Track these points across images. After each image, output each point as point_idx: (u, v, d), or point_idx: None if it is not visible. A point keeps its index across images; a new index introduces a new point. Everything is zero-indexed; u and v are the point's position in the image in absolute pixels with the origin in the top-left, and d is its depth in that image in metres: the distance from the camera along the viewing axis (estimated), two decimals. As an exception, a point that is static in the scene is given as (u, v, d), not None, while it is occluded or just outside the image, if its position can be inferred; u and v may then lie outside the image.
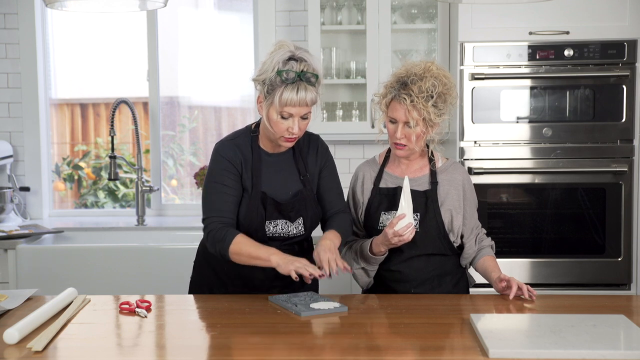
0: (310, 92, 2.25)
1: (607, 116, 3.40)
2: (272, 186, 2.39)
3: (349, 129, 3.75)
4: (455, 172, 2.51)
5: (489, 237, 2.59)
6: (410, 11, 3.80)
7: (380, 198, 2.49)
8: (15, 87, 4.05)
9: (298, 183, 2.43)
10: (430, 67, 2.37)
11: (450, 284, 2.49)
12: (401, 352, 1.86)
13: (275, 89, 2.24)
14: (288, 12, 3.97)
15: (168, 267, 3.34)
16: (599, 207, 3.43)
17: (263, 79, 2.27)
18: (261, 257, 2.26)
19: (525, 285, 2.33)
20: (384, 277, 2.50)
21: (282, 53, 2.26)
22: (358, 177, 2.57)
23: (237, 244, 2.28)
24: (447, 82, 2.38)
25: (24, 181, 4.07)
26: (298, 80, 2.23)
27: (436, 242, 2.44)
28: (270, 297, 2.29)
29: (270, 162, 2.41)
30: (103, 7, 2.66)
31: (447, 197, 2.46)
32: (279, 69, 2.23)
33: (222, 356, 1.85)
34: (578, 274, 3.43)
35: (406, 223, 2.31)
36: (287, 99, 2.23)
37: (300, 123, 2.29)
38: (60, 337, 1.98)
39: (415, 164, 2.51)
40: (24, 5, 4.00)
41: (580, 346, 1.80)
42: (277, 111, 2.26)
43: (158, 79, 4.15)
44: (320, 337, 2.00)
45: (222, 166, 2.36)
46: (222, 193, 2.34)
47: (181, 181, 4.62)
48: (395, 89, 2.37)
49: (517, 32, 3.38)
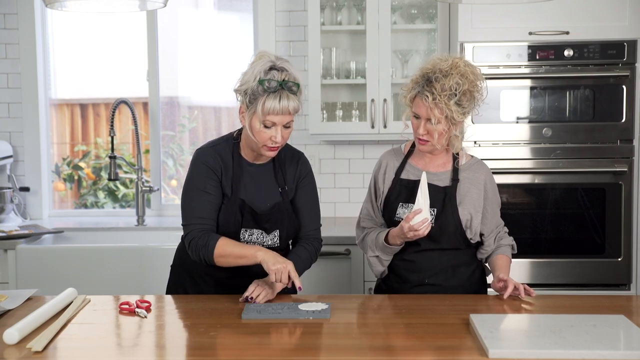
0: (292, 101, 2.26)
1: (607, 116, 3.40)
2: (250, 195, 2.40)
3: (348, 129, 3.75)
4: (478, 171, 2.50)
5: (510, 236, 2.58)
6: (410, 11, 3.80)
7: (400, 189, 2.48)
8: (15, 87, 4.05)
9: (277, 195, 2.44)
10: (457, 63, 2.35)
11: (465, 275, 2.49)
12: (401, 352, 1.86)
13: (257, 98, 2.26)
14: (288, 12, 3.97)
15: (168, 267, 3.33)
16: (598, 207, 3.43)
17: (245, 89, 2.28)
18: (247, 255, 2.28)
19: (523, 285, 2.33)
20: (397, 267, 2.50)
21: (263, 63, 2.28)
22: (381, 165, 2.56)
23: (221, 246, 2.30)
24: (474, 79, 2.36)
25: (24, 181, 4.07)
26: (280, 89, 2.25)
27: (452, 238, 2.44)
28: (244, 315, 2.15)
29: (250, 171, 2.42)
30: (103, 7, 2.66)
31: (466, 195, 2.45)
32: (260, 78, 2.25)
33: (222, 356, 1.85)
34: (578, 274, 3.43)
35: (422, 218, 2.31)
36: (270, 108, 2.25)
37: (283, 132, 2.30)
38: (60, 337, 1.98)
39: (439, 158, 2.50)
40: (24, 5, 4.00)
41: (580, 346, 1.80)
42: (260, 120, 2.27)
43: (158, 79, 4.15)
44: (319, 338, 2.00)
45: (202, 172, 2.37)
46: (202, 200, 2.35)
47: (181, 181, 4.62)
48: (420, 84, 2.36)
49: (517, 32, 3.38)
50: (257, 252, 2.26)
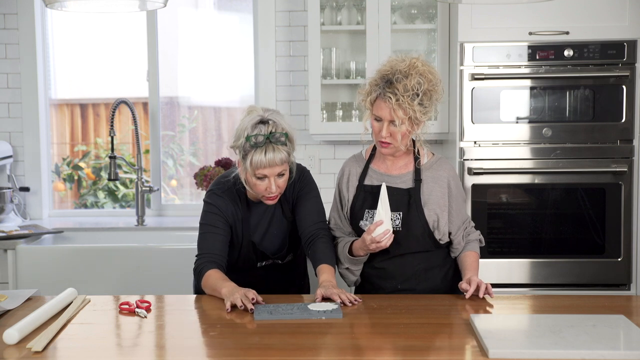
0: (279, 152, 2.33)
1: (607, 116, 3.40)
2: (261, 236, 2.54)
3: (348, 129, 3.75)
4: (440, 169, 2.48)
5: (477, 230, 2.57)
6: (410, 11, 3.80)
7: (365, 195, 2.48)
8: (15, 88, 4.05)
9: (286, 225, 2.56)
10: (415, 63, 2.34)
11: (438, 277, 2.48)
12: (401, 353, 1.86)
13: (247, 153, 2.34)
14: (288, 12, 3.97)
15: (168, 267, 3.34)
16: (598, 207, 3.43)
17: (237, 146, 2.38)
18: (216, 290, 2.34)
19: (485, 284, 2.31)
20: (369, 275, 2.51)
21: (251, 118, 2.35)
22: (344, 174, 2.56)
23: (206, 277, 2.41)
24: (432, 78, 2.34)
25: (24, 181, 4.07)
26: (267, 143, 2.31)
27: (420, 241, 2.43)
28: (256, 316, 2.15)
29: (258, 211, 2.53)
30: (103, 7, 2.66)
31: (430, 195, 2.44)
32: (248, 134, 2.32)
33: (222, 356, 1.85)
34: (578, 274, 3.43)
35: (383, 229, 2.30)
36: (257, 162, 2.32)
37: (277, 181, 2.37)
38: (60, 338, 1.98)
39: (401, 160, 2.49)
40: (24, 5, 4.00)
41: (580, 346, 1.80)
42: (251, 174, 2.36)
43: (158, 79, 4.14)
44: (319, 338, 2.00)
45: (214, 211, 2.49)
46: (212, 234, 2.48)
47: (181, 181, 4.63)
48: (380, 87, 2.34)
49: (517, 32, 3.38)
50: (222, 289, 2.31)
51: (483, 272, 2.66)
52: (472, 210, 3.39)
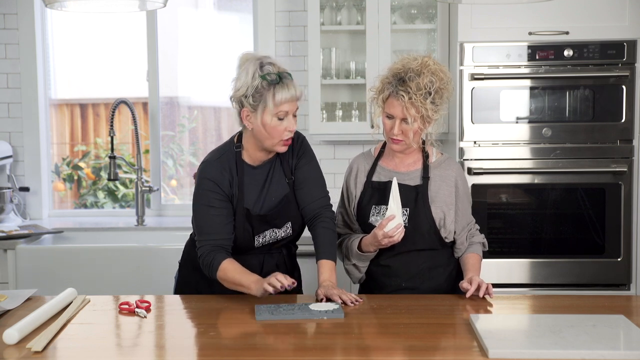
0: (296, 88, 2.33)
1: (607, 116, 3.40)
2: (256, 200, 2.42)
3: (348, 129, 3.75)
4: (448, 168, 2.50)
5: (482, 233, 2.58)
6: (410, 11, 3.80)
7: (372, 191, 2.49)
8: (15, 88, 4.05)
9: (285, 187, 2.45)
10: (427, 62, 2.36)
11: (442, 277, 2.49)
12: (401, 353, 1.86)
13: (263, 94, 2.30)
14: (288, 12, 3.97)
15: (168, 267, 3.33)
16: (598, 207, 3.43)
17: (245, 91, 2.31)
18: (243, 285, 2.29)
19: (486, 284, 2.32)
20: (374, 272, 2.50)
21: (254, 62, 2.33)
22: (352, 170, 2.56)
23: (223, 270, 2.32)
24: (444, 77, 2.37)
25: (24, 181, 4.07)
26: (281, 80, 2.30)
27: (426, 238, 2.44)
28: (257, 316, 2.15)
29: (255, 174, 2.43)
30: (103, 7, 2.66)
31: (438, 193, 2.45)
32: (260, 74, 2.29)
33: (222, 356, 1.85)
34: (578, 274, 3.43)
35: (396, 224, 2.32)
36: (282, 98, 2.29)
37: (294, 120, 2.35)
38: (60, 338, 1.98)
39: (409, 157, 2.51)
40: (23, 5, 4.00)
41: (579, 346, 1.80)
42: (272, 114, 2.31)
43: (158, 79, 4.14)
44: (319, 338, 2.00)
45: (206, 187, 2.38)
46: (209, 215, 2.37)
47: (181, 181, 4.63)
48: (392, 84, 2.36)
49: (516, 32, 3.38)
50: (251, 284, 2.27)
51: (483, 272, 2.66)
52: (472, 210, 3.38)
